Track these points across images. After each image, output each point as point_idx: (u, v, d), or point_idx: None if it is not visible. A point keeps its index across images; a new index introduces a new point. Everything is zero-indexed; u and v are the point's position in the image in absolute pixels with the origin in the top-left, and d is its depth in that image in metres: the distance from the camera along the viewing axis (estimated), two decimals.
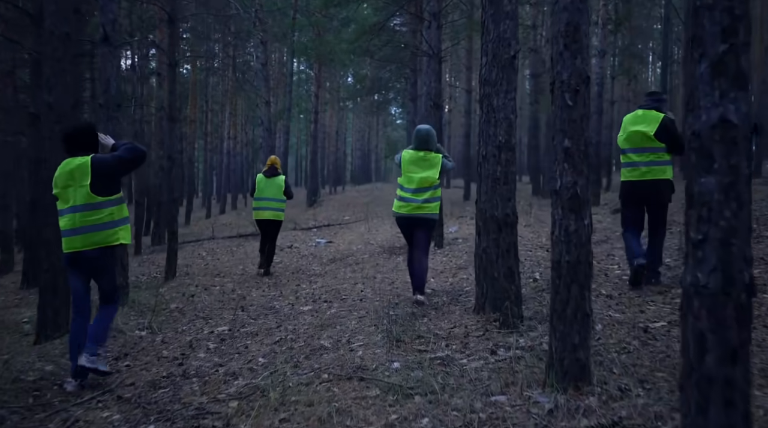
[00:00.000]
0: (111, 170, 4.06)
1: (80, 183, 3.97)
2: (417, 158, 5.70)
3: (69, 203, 4.01)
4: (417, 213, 5.60)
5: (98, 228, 4.01)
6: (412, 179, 5.63)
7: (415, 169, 5.67)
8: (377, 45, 17.66)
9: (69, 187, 4.01)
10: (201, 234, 17.62)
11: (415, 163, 5.69)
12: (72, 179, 4.00)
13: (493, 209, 4.42)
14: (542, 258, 7.32)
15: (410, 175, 5.66)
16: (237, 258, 10.76)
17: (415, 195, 5.60)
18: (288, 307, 6.20)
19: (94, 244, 4.01)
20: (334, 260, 9.49)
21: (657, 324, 4.04)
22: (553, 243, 3.13)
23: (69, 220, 4.01)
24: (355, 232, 13.88)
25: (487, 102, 4.51)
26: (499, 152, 4.33)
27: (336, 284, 7.18)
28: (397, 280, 6.92)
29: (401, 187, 5.74)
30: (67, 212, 4.03)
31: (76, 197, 3.98)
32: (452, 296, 5.67)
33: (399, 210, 5.69)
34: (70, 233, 4.01)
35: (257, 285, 7.85)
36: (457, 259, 8.22)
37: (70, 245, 4.03)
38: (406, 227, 5.76)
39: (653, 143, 5.14)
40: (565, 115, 3.07)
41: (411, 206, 5.59)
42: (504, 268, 4.30)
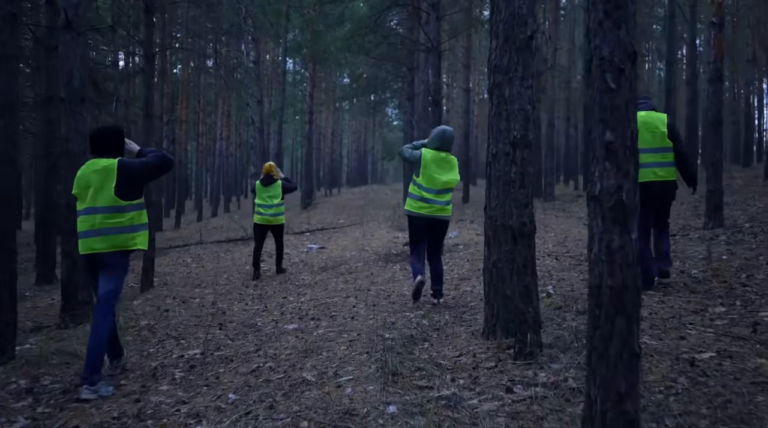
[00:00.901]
0: (137, 175, 4.07)
1: (104, 185, 3.97)
2: (439, 158, 5.69)
3: (87, 204, 4.00)
4: (439, 215, 5.66)
5: (119, 231, 4.00)
6: (436, 181, 5.61)
7: (438, 170, 5.64)
8: (373, 41, 17.01)
9: (90, 188, 3.99)
10: (189, 239, 16.93)
11: (438, 164, 5.66)
12: (95, 181, 3.99)
13: (506, 216, 3.76)
14: (553, 268, 6.67)
15: (433, 176, 5.62)
16: (223, 266, 10.08)
17: (438, 196, 5.63)
18: (271, 325, 5.53)
19: (113, 247, 4.00)
20: (325, 268, 8.81)
21: (705, 356, 3.39)
22: (591, 263, 2.48)
23: (88, 221, 3.99)
24: (349, 237, 13.22)
25: (498, 92, 3.86)
26: (514, 150, 3.67)
27: (326, 296, 6.51)
28: (393, 293, 6.26)
29: (421, 187, 5.65)
30: (86, 213, 4.01)
31: (98, 199, 3.98)
32: (456, 314, 5.01)
33: (419, 210, 5.63)
34: (89, 234, 3.99)
35: (240, 297, 7.18)
36: (459, 268, 7.56)
37: (88, 247, 4.00)
38: (423, 227, 5.69)
39: (666, 143, 5.18)
40: (607, 100, 2.42)
41: (434, 207, 5.61)
42: (519, 287, 3.64)
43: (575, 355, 3.50)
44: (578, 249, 8.37)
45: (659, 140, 5.15)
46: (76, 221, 4.14)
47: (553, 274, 6.32)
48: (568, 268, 6.70)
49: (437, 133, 5.81)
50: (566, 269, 6.61)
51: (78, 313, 5.46)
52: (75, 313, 5.47)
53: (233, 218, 24.47)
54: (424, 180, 5.62)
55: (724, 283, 5.19)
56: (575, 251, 8.24)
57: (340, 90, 32.29)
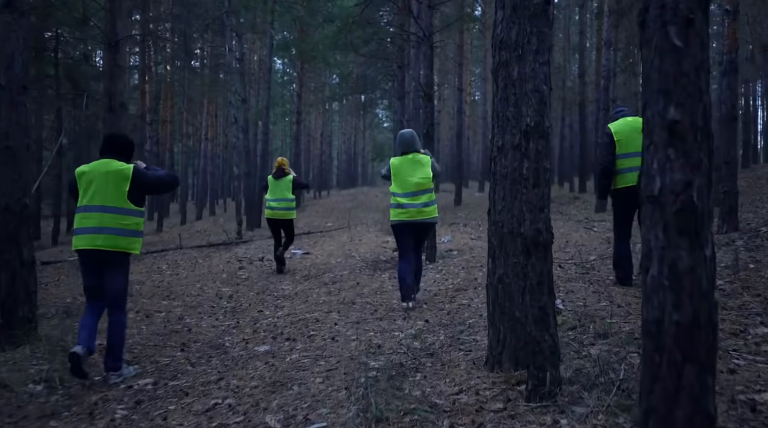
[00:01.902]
0: (149, 184, 4.28)
1: (116, 186, 4.13)
2: (405, 160, 5.69)
3: (93, 202, 4.12)
4: (418, 218, 5.58)
5: (124, 233, 4.15)
6: (408, 183, 5.60)
7: (409, 171, 5.63)
8: (361, 37, 16.34)
9: (92, 185, 4.13)
10: (170, 243, 16.15)
11: (405, 166, 5.66)
12: (103, 180, 4.13)
13: (516, 222, 3.08)
14: (558, 278, 5.98)
15: (405, 178, 5.62)
16: (198, 273, 9.34)
17: (413, 199, 5.59)
18: (240, 346, 4.82)
19: (116, 247, 4.14)
20: (308, 276, 8.10)
21: (766, 397, 2.72)
22: (647, 289, 1.81)
23: (96, 218, 4.11)
24: (336, 241, 12.51)
25: (505, 73, 3.18)
26: (526, 141, 2.99)
27: (306, 311, 5.80)
28: (381, 307, 5.56)
29: (396, 193, 5.66)
30: (93, 210, 4.12)
31: (108, 199, 4.12)
32: (452, 334, 4.33)
33: (398, 217, 5.61)
34: (93, 231, 4.09)
35: (211, 311, 6.46)
36: (453, 277, 6.88)
37: (90, 242, 4.10)
38: (406, 234, 5.65)
39: None
40: (670, 64, 1.75)
41: (411, 211, 5.56)
42: (533, 309, 2.96)
43: (603, 394, 2.83)
44: (582, 255, 7.71)
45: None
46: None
47: (559, 285, 5.64)
48: (575, 278, 6.03)
49: (398, 139, 5.90)
50: (573, 279, 5.94)
51: (17, 333, 4.73)
52: (14, 333, 4.73)
53: (219, 221, 23.70)
54: (397, 186, 5.65)
55: (757, 297, 4.54)
56: (580, 257, 7.58)
57: (329, 90, 31.54)
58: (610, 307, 4.49)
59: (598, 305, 4.62)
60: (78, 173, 4.23)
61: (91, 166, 4.23)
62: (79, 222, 4.17)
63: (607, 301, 4.72)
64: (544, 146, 2.97)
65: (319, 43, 19.91)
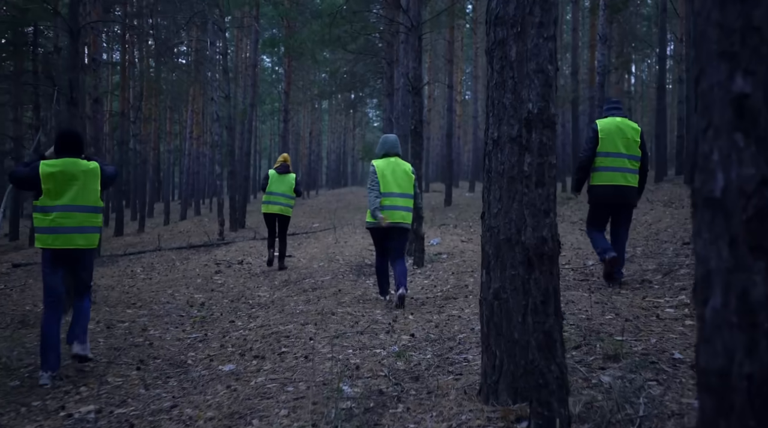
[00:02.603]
0: (108, 181, 4.42)
1: (89, 185, 4.23)
2: (389, 163, 5.77)
3: (69, 201, 4.15)
4: (399, 222, 5.67)
5: (95, 230, 4.32)
6: (392, 185, 5.68)
7: (392, 175, 5.72)
8: (349, 32, 15.82)
9: (71, 185, 4.15)
10: (150, 244, 15.57)
11: (390, 169, 5.74)
12: (78, 180, 4.18)
13: (514, 228, 2.59)
14: None
15: (388, 181, 5.68)
16: (172, 278, 8.80)
17: (396, 201, 5.68)
18: (204, 364, 4.31)
19: (91, 244, 4.31)
20: (288, 282, 7.59)
21: None
22: (704, 328, 1.32)
23: (76, 218, 4.18)
24: (321, 243, 12.00)
25: (501, 53, 2.69)
26: (528, 131, 2.50)
27: (280, 322, 5.29)
28: (362, 319, 5.06)
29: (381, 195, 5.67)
30: (75, 209, 4.17)
31: (82, 198, 4.20)
32: (441, 351, 3.84)
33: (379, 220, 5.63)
34: (72, 230, 4.15)
35: (179, 321, 5.94)
36: (442, 284, 6.39)
37: (69, 241, 4.16)
38: (385, 237, 5.77)
39: (637, 152, 5.45)
40: (735, 16, 1.27)
41: (394, 214, 5.64)
42: (537, 333, 2.47)
43: None
44: (579, 260, 7.26)
45: (633, 148, 5.42)
46: None
47: None
48: (574, 285, 5.56)
49: (381, 141, 5.98)
50: (572, 287, 5.47)
51: None
52: None
53: (203, 222, 23.11)
54: (381, 188, 5.67)
55: None
56: (576, 261, 7.12)
57: (317, 87, 30.98)
58: (617, 321, 4.01)
59: (603, 318, 4.14)
60: (45, 173, 4.10)
61: (57, 165, 4.14)
62: (56, 221, 4.12)
63: (613, 313, 4.25)
64: (549, 137, 2.48)
65: (306, 39, 19.39)
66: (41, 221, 4.13)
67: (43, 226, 4.12)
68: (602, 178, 5.43)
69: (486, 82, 2.97)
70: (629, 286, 5.33)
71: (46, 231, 4.12)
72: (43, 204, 4.12)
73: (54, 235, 4.12)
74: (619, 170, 5.40)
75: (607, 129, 5.42)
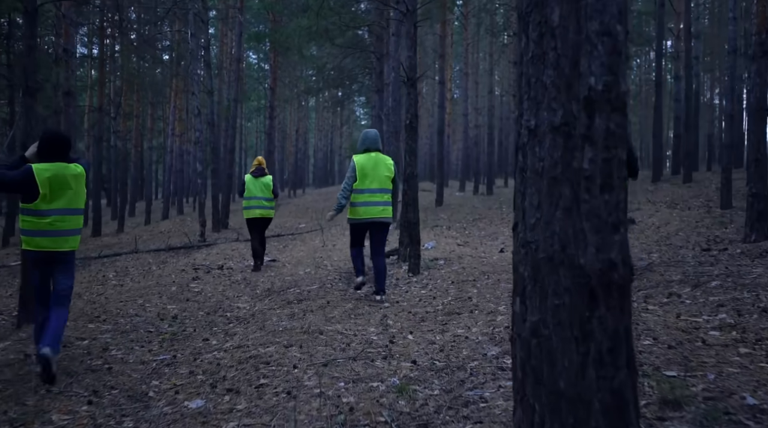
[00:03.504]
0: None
1: (79, 189, 4.29)
2: (370, 158, 5.84)
3: (72, 205, 4.23)
4: (380, 217, 5.78)
5: (80, 232, 4.41)
6: (373, 180, 5.75)
7: (373, 169, 5.79)
8: (337, 24, 15.13)
9: (67, 190, 4.19)
10: (127, 246, 14.80)
11: (371, 164, 5.81)
12: (70, 184, 4.21)
13: (558, 244, 1.94)
14: None
15: (369, 176, 5.75)
16: (145, 285, 8.08)
17: (377, 196, 5.76)
18: (168, 397, 3.63)
19: (76, 247, 4.39)
20: (270, 291, 6.91)
21: None
22: None
23: (69, 221, 4.25)
24: (307, 246, 11.33)
25: (540, 16, 2.05)
26: (588, 114, 1.85)
27: (260, 342, 4.61)
28: (355, 339, 4.40)
29: (361, 191, 5.76)
30: (69, 213, 4.23)
31: (77, 201, 4.28)
32: (450, 385, 3.20)
33: (361, 216, 5.76)
34: (65, 233, 4.23)
35: (147, 338, 5.25)
36: (442, 295, 5.75)
37: (57, 244, 4.21)
38: (365, 232, 5.94)
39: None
40: None
41: (375, 209, 5.75)
42: (603, 393, 1.82)
43: None
44: None
45: None
46: None
47: None
48: None
49: (362, 137, 6.05)
50: None
51: None
52: None
53: (186, 221, 22.33)
54: (362, 183, 5.75)
55: None
56: None
57: (304, 84, 30.19)
58: (658, 348, 3.39)
59: (641, 343, 3.52)
60: (42, 177, 4.07)
61: (51, 169, 4.13)
62: (54, 225, 4.17)
63: (650, 338, 3.63)
64: (619, 122, 1.83)
65: (293, 33, 18.66)
66: (35, 224, 4.13)
67: (37, 229, 4.14)
68: None
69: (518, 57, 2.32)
70: (655, 300, 4.72)
71: (39, 234, 4.15)
72: (38, 208, 4.10)
73: (48, 238, 4.17)
74: None
75: None
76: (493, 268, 6.88)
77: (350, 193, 5.81)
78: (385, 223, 5.86)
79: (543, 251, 2.06)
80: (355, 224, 5.86)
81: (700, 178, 17.58)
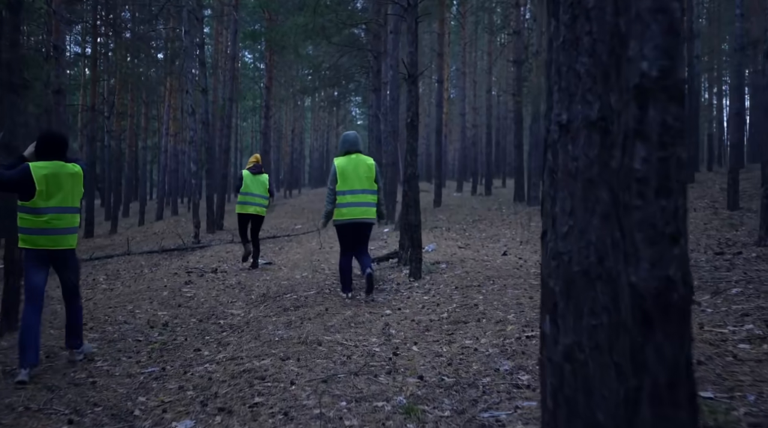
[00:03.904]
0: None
1: (78, 188, 4.39)
2: (351, 160, 5.92)
3: (67, 204, 4.30)
4: (363, 217, 5.88)
5: (77, 231, 4.49)
6: (354, 182, 5.85)
7: (354, 170, 5.88)
8: (334, 21, 14.86)
9: (63, 188, 4.26)
10: (120, 247, 14.50)
11: (352, 165, 5.90)
12: (69, 182, 4.30)
13: (594, 255, 1.68)
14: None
15: (350, 177, 5.85)
16: (136, 289, 7.79)
17: (359, 197, 5.85)
18: (155, 416, 3.35)
19: (75, 245, 4.46)
20: (266, 297, 6.63)
21: None
22: None
23: (66, 220, 4.32)
24: (304, 248, 11.05)
25: None
26: (640, 105, 1.58)
27: (255, 354, 4.33)
28: (357, 351, 4.13)
29: (343, 193, 5.86)
30: (65, 211, 4.30)
31: (73, 200, 4.36)
32: (463, 409, 2.94)
33: (344, 217, 5.86)
34: (63, 231, 4.30)
35: (136, 348, 4.96)
36: (446, 301, 5.48)
37: (56, 243, 4.27)
38: (351, 234, 5.96)
39: None
40: None
41: (357, 210, 5.84)
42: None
43: None
44: None
45: None
46: None
47: None
48: None
49: (342, 139, 6.15)
50: None
51: None
52: None
53: (180, 222, 22.02)
54: (344, 185, 5.85)
55: None
56: None
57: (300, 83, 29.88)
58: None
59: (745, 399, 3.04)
60: (39, 175, 4.16)
61: (48, 167, 4.23)
62: (51, 223, 4.23)
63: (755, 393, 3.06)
64: (676, 115, 1.56)
65: (289, 31, 18.38)
66: (32, 222, 4.19)
67: (34, 227, 4.20)
68: None
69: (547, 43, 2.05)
70: None
71: (36, 232, 4.20)
72: (35, 206, 4.17)
73: (45, 236, 4.22)
74: None
75: None
76: (498, 272, 6.62)
77: (335, 197, 5.90)
78: (369, 223, 6.00)
79: (577, 264, 1.81)
80: (340, 225, 5.94)
81: (701, 178, 17.36)
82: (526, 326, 4.30)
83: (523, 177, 18.43)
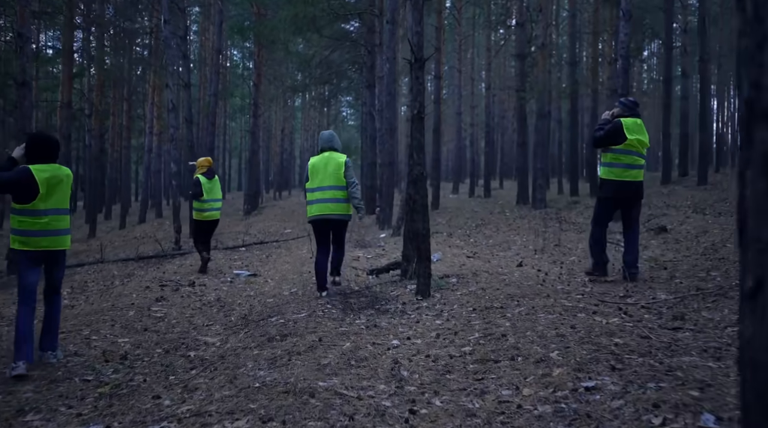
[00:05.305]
0: None
1: (68, 190, 4.50)
2: (322, 158, 6.08)
3: (64, 205, 4.45)
4: (333, 213, 5.98)
5: (70, 231, 4.60)
6: (321, 178, 5.98)
7: (322, 167, 6.03)
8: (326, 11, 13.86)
9: (59, 190, 4.38)
10: (94, 254, 13.42)
11: (322, 163, 6.05)
12: (63, 184, 4.41)
13: None
14: (628, 336, 3.67)
15: (318, 174, 6.00)
16: (98, 308, 6.74)
17: (326, 193, 5.96)
18: None
19: (68, 245, 4.59)
20: (247, 320, 5.62)
21: None
22: None
23: (65, 221, 4.48)
24: (293, 256, 10.04)
25: None
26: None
27: (227, 409, 3.32)
28: (361, 407, 3.13)
29: (311, 190, 6.05)
30: (64, 213, 4.46)
31: (65, 201, 4.47)
32: None
33: (314, 213, 6.03)
34: (60, 232, 4.43)
35: (78, 393, 3.94)
36: (465, 329, 4.50)
37: (55, 243, 4.41)
38: (324, 230, 6.13)
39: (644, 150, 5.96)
40: None
41: (326, 206, 5.96)
42: None
43: None
44: (642, 290, 5.45)
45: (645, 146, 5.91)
46: None
47: (661, 368, 3.32)
48: (682, 346, 3.72)
49: (319, 138, 6.30)
50: (680, 351, 3.63)
51: None
52: None
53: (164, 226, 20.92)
54: (312, 181, 6.03)
55: None
56: (642, 294, 5.30)
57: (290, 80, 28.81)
58: None
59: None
60: (42, 178, 4.26)
61: (48, 170, 4.33)
62: (51, 225, 4.33)
63: None
64: None
65: (278, 25, 17.36)
66: (32, 224, 4.27)
67: (34, 229, 4.26)
68: (618, 174, 5.86)
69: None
70: None
71: (36, 234, 4.27)
72: (36, 207, 4.25)
73: (46, 238, 4.31)
74: (634, 167, 5.87)
75: (633, 128, 5.80)
76: (520, 289, 5.65)
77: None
78: (340, 220, 6.07)
79: None
80: (312, 222, 6.10)
81: (713, 180, 16.51)
82: (579, 370, 3.32)
83: (527, 178, 17.49)
